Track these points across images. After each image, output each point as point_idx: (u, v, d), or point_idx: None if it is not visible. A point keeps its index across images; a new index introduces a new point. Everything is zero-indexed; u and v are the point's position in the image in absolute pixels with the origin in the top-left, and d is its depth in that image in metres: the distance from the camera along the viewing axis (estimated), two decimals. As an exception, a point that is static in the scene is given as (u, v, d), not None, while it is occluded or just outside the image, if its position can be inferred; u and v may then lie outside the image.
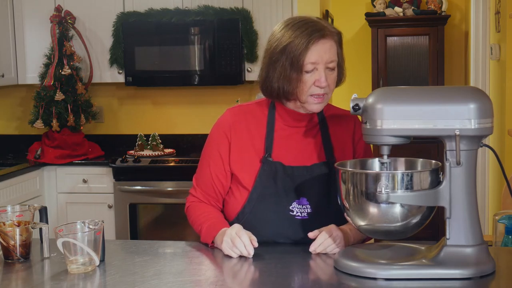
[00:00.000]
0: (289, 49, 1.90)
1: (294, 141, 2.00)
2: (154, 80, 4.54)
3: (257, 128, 2.01)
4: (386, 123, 1.62)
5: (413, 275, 1.61)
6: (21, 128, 4.95)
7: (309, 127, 2.02)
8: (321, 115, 2.03)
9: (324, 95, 1.93)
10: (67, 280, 1.67)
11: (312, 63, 1.89)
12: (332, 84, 1.95)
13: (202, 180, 2.07)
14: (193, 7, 4.43)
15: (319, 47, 1.90)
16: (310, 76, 1.91)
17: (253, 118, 2.03)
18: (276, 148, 1.99)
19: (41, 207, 1.96)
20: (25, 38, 4.60)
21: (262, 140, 2.00)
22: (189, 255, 1.91)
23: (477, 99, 1.60)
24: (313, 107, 1.94)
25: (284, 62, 1.91)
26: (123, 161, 4.28)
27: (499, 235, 2.08)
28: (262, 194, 1.95)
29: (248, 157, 1.99)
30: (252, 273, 1.73)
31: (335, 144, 2.02)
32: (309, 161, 1.98)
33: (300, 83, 1.91)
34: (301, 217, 1.95)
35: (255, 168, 1.98)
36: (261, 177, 1.96)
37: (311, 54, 1.89)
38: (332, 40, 1.93)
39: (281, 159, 1.97)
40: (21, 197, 4.11)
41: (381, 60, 5.47)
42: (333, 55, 1.93)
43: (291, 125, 2.01)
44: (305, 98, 1.93)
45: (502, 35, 3.91)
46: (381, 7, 5.52)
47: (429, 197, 1.63)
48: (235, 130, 2.01)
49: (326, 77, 1.90)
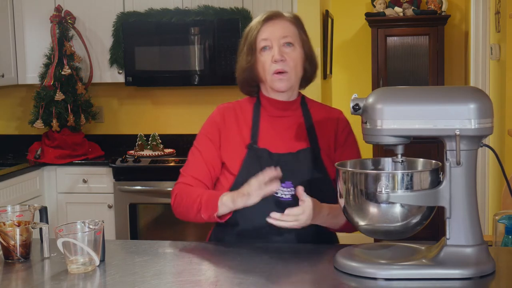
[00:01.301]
0: (247, 35, 2.07)
1: (279, 130, 2.08)
2: (154, 80, 4.54)
3: (245, 120, 2.10)
4: (386, 123, 1.62)
5: (413, 275, 1.61)
6: (21, 128, 4.95)
7: (293, 117, 2.10)
8: (305, 107, 2.12)
9: (286, 73, 2.03)
10: (67, 280, 1.67)
11: (264, 40, 2.02)
12: (292, 62, 2.04)
13: (192, 168, 2.09)
14: (193, 7, 4.43)
15: (271, 25, 2.04)
16: (267, 54, 2.03)
17: (241, 112, 2.12)
18: (262, 137, 2.06)
19: (41, 207, 1.96)
20: (25, 38, 4.60)
21: (249, 130, 2.07)
22: (189, 255, 1.92)
23: (477, 99, 1.60)
24: (276, 84, 2.04)
25: (244, 49, 2.07)
26: (123, 161, 4.28)
27: (499, 235, 2.08)
28: (247, 178, 1.99)
29: (236, 145, 2.06)
30: (252, 273, 1.73)
31: (318, 133, 2.08)
32: (294, 148, 2.05)
33: (259, 64, 2.04)
34: (285, 199, 1.99)
35: (242, 154, 2.04)
36: (247, 162, 2.03)
37: (262, 32, 2.04)
38: (286, 20, 2.06)
39: (267, 147, 2.04)
40: (21, 197, 4.11)
41: (381, 60, 5.47)
42: (287, 31, 2.04)
43: (275, 115, 2.10)
44: (269, 77, 2.03)
45: (502, 35, 3.91)
46: (381, 7, 5.52)
47: (429, 197, 1.63)
48: (225, 123, 2.10)
49: (282, 52, 2.01)
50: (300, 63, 2.06)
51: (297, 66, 2.05)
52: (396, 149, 1.69)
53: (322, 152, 2.06)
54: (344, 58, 5.76)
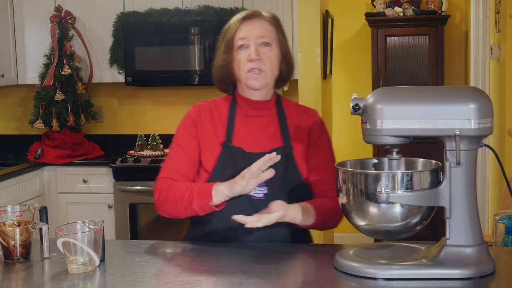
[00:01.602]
0: (225, 33, 2.09)
1: (253, 129, 2.10)
2: (154, 80, 4.54)
3: (220, 119, 2.12)
4: (386, 123, 1.62)
5: (413, 275, 1.61)
6: (21, 128, 4.95)
7: (267, 116, 2.12)
8: (280, 107, 2.14)
9: (262, 72, 2.04)
10: (67, 280, 1.67)
11: (242, 38, 2.04)
12: (269, 61, 2.05)
13: (175, 162, 2.10)
14: (193, 7, 4.43)
15: (249, 24, 2.07)
16: (243, 52, 2.04)
17: (217, 110, 2.14)
18: (236, 135, 2.08)
19: (41, 207, 1.96)
20: (25, 38, 4.61)
21: (224, 129, 2.09)
22: (189, 255, 1.91)
23: (477, 99, 1.60)
24: (251, 82, 2.06)
25: (221, 47, 2.09)
26: (123, 161, 4.28)
27: (499, 235, 2.08)
28: (221, 175, 2.01)
29: (211, 143, 2.08)
30: (252, 273, 1.73)
31: (292, 131, 2.11)
32: (268, 147, 2.06)
33: (235, 61, 2.06)
34: (258, 198, 2.01)
35: (216, 152, 2.06)
36: (221, 160, 2.05)
37: (240, 30, 2.05)
38: (264, 20, 2.08)
39: (241, 145, 2.06)
40: (21, 197, 4.11)
41: (381, 60, 5.47)
42: (265, 31, 2.06)
43: (250, 115, 2.12)
44: (244, 75, 2.05)
45: (502, 35, 3.91)
46: (381, 7, 5.51)
47: (429, 197, 1.63)
48: (201, 120, 2.12)
49: (258, 51, 2.03)
50: (276, 63, 2.08)
51: (273, 66, 2.07)
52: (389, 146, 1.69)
53: (295, 152, 2.08)
54: (344, 58, 5.76)
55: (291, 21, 4.37)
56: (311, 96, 4.05)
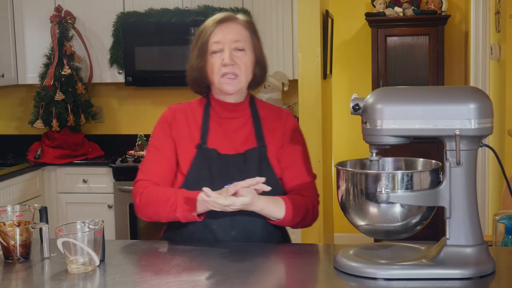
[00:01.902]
0: (199, 36, 2.10)
1: (228, 131, 2.11)
2: (154, 80, 4.54)
3: (195, 121, 2.13)
4: (386, 123, 1.62)
5: (413, 275, 1.61)
6: (21, 128, 4.95)
7: (241, 118, 2.13)
8: (254, 108, 2.15)
9: (236, 77, 2.05)
10: (67, 280, 1.67)
11: (216, 43, 2.04)
12: (243, 65, 2.06)
13: (154, 164, 2.10)
14: (193, 7, 4.43)
15: (223, 28, 2.06)
16: (218, 57, 2.05)
17: (192, 113, 2.15)
18: (211, 137, 2.09)
19: (41, 207, 1.96)
20: (25, 38, 4.60)
21: (199, 131, 2.10)
22: (189, 255, 1.91)
23: (477, 99, 1.60)
24: (225, 87, 2.06)
25: (196, 49, 2.10)
26: (123, 161, 4.28)
27: (499, 235, 2.08)
28: (197, 177, 2.03)
29: (186, 145, 2.09)
30: (252, 273, 1.73)
31: (266, 132, 2.11)
32: (242, 148, 2.07)
33: (209, 65, 2.06)
34: None
35: (191, 154, 2.07)
36: (196, 162, 2.06)
37: (215, 35, 2.05)
38: (239, 24, 2.09)
39: (216, 147, 2.07)
40: (21, 197, 4.11)
41: (381, 60, 5.47)
42: (239, 36, 2.06)
43: (224, 117, 2.13)
44: (217, 79, 2.06)
45: (502, 35, 3.91)
46: (381, 7, 5.51)
47: (429, 197, 1.63)
48: (176, 122, 2.13)
49: (232, 56, 2.03)
50: (250, 68, 2.09)
51: (247, 70, 2.08)
52: (370, 148, 1.69)
53: (269, 152, 2.09)
54: (344, 58, 5.76)
55: (291, 21, 4.37)
56: (311, 96, 4.05)
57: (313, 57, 4.07)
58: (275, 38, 4.40)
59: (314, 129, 4.00)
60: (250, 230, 2.01)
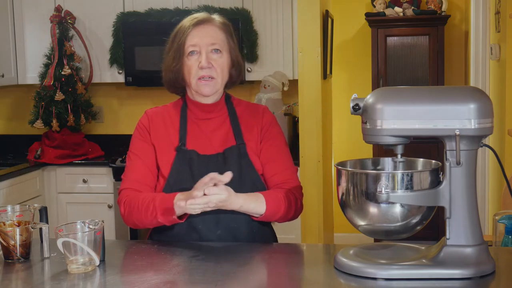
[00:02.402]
0: (175, 36, 2.10)
1: (206, 131, 2.12)
2: (154, 80, 4.51)
3: (172, 124, 2.13)
4: (386, 123, 1.62)
5: (413, 275, 1.61)
6: (21, 128, 4.95)
7: (218, 117, 2.13)
8: (231, 106, 2.16)
9: (212, 79, 2.07)
10: (67, 280, 1.67)
11: (193, 45, 2.05)
12: (219, 68, 2.07)
13: (134, 172, 2.10)
14: (193, 7, 4.43)
15: (200, 30, 2.07)
16: (195, 60, 2.06)
17: (169, 116, 2.16)
18: (190, 139, 2.09)
19: (41, 207, 1.96)
20: (25, 38, 4.61)
21: (177, 133, 2.10)
22: (189, 255, 1.91)
23: (477, 99, 1.60)
24: (202, 89, 2.08)
25: (171, 51, 2.11)
26: (123, 161, 4.28)
27: (499, 235, 2.08)
28: (178, 179, 2.04)
29: (165, 148, 2.09)
30: (252, 273, 1.73)
31: (244, 129, 2.12)
32: (221, 147, 2.08)
33: (186, 67, 2.07)
34: None
35: (171, 157, 2.07)
36: (176, 164, 2.06)
37: (192, 37, 2.06)
38: (215, 26, 2.09)
39: (195, 148, 2.07)
40: (21, 197, 4.11)
41: (381, 60, 5.47)
42: (215, 38, 2.07)
43: (201, 118, 2.13)
44: (194, 82, 2.07)
45: (502, 35, 3.91)
46: (381, 7, 5.51)
47: (429, 197, 1.63)
48: (154, 126, 2.13)
49: (209, 59, 2.05)
50: (226, 69, 2.10)
51: (223, 72, 2.09)
52: (396, 149, 1.69)
53: (248, 148, 2.09)
54: (344, 58, 5.76)
55: (291, 21, 4.37)
56: (311, 96, 4.05)
57: (313, 57, 4.07)
58: (275, 38, 4.40)
59: (314, 129, 4.00)
60: (235, 228, 2.01)
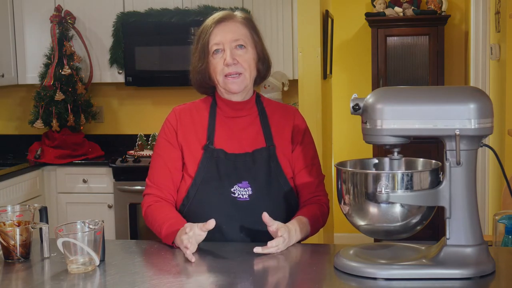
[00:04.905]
0: (199, 37, 2.09)
1: (235, 130, 2.10)
2: (154, 80, 4.54)
3: (201, 122, 2.11)
4: (386, 123, 1.62)
5: (413, 275, 1.61)
6: (21, 128, 4.95)
7: (248, 117, 2.12)
8: (261, 106, 2.14)
9: (240, 75, 2.05)
10: (67, 280, 1.67)
11: (217, 44, 2.05)
12: (246, 63, 2.06)
13: (157, 173, 2.12)
14: (193, 7, 4.43)
15: (222, 27, 2.06)
16: (220, 58, 2.04)
17: (197, 113, 2.14)
18: (218, 138, 2.08)
19: (41, 207, 1.96)
20: (25, 38, 4.61)
21: (205, 131, 2.09)
22: (189, 255, 1.91)
23: (477, 99, 1.60)
24: (230, 86, 2.06)
25: (197, 52, 2.09)
26: (123, 161, 4.28)
27: (499, 235, 2.08)
28: (205, 178, 2.03)
29: (192, 147, 2.08)
30: (252, 273, 1.73)
31: (274, 130, 2.10)
32: (250, 147, 2.07)
33: (211, 66, 2.06)
34: (242, 199, 2.01)
35: (198, 156, 2.06)
36: (203, 163, 2.05)
37: (214, 36, 2.05)
38: (237, 22, 2.08)
39: (223, 147, 2.06)
40: (21, 197, 4.11)
41: (381, 60, 5.47)
42: (238, 34, 2.06)
43: (231, 116, 2.11)
44: (221, 79, 2.05)
45: (502, 35, 3.91)
46: (381, 7, 5.51)
47: (429, 197, 1.63)
48: (181, 124, 2.12)
49: (234, 55, 2.03)
50: (253, 64, 2.09)
51: (250, 67, 2.07)
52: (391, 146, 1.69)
53: (278, 151, 2.08)
54: (344, 58, 5.76)
55: (291, 21, 4.37)
56: (311, 96, 4.05)
57: (313, 57, 4.07)
58: (275, 38, 4.40)
59: (314, 129, 3.99)
60: (257, 231, 1.99)
